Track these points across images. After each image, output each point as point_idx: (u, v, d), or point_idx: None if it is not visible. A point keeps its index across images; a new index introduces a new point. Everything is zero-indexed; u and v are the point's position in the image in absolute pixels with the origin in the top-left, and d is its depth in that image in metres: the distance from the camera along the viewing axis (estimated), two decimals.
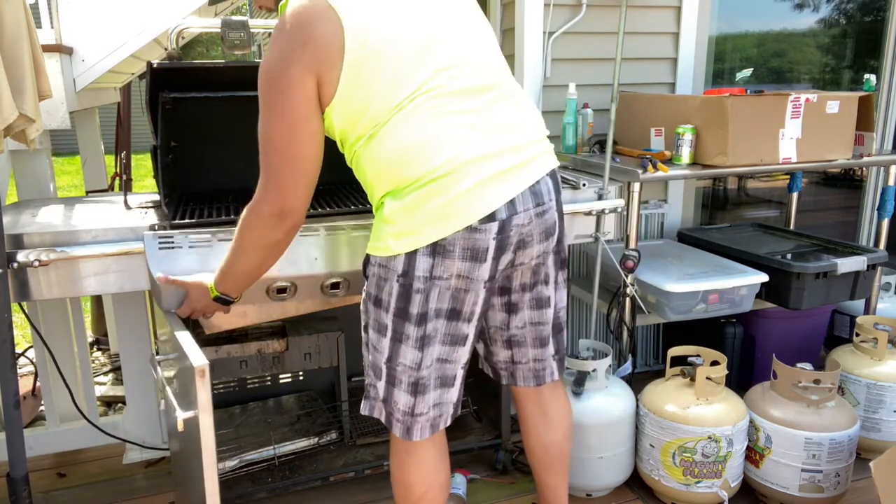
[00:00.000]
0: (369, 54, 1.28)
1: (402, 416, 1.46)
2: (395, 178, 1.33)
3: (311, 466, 2.16)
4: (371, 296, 1.43)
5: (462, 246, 1.33)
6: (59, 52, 2.07)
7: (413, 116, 1.30)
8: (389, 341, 1.41)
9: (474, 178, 1.31)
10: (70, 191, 8.17)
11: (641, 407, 2.09)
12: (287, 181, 1.33)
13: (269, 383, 2.49)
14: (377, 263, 1.39)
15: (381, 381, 1.46)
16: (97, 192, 2.84)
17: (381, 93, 1.30)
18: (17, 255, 1.55)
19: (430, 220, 1.31)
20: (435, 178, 1.30)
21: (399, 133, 1.30)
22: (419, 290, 1.35)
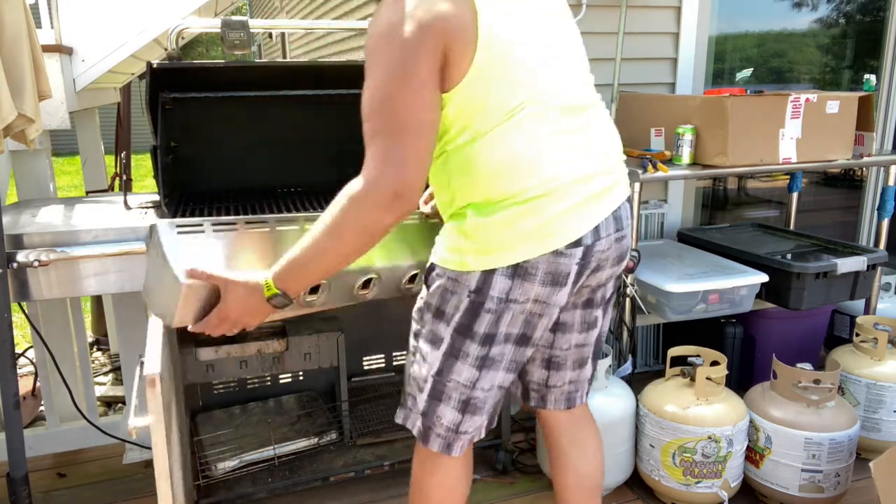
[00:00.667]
0: (498, 49, 1.20)
1: (446, 431, 1.39)
2: (490, 189, 1.24)
3: (311, 466, 2.16)
4: (430, 306, 1.34)
5: (545, 270, 1.25)
6: (59, 52, 2.07)
7: (523, 126, 1.22)
8: (443, 355, 1.34)
9: (569, 200, 1.25)
10: (70, 191, 8.17)
11: (641, 407, 2.09)
12: (410, 153, 1.15)
13: (269, 383, 2.49)
14: (446, 276, 1.30)
15: (423, 395, 1.38)
16: (97, 192, 2.84)
17: (499, 93, 1.21)
18: (17, 255, 1.55)
19: (518, 240, 1.23)
20: (532, 197, 1.22)
21: (506, 142, 1.22)
22: (490, 310, 1.28)
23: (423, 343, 1.37)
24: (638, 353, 2.96)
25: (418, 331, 1.39)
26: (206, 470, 2.08)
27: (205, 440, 2.19)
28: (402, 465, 2.17)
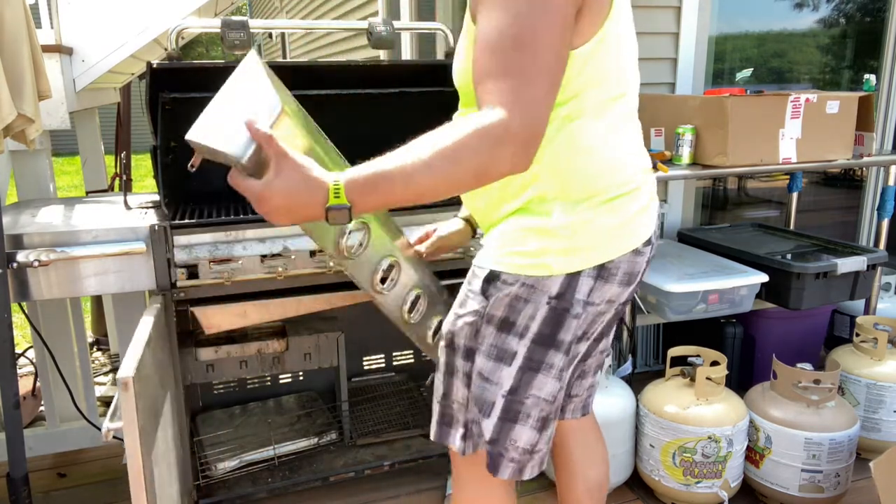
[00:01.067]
0: (619, 28, 1.11)
1: (521, 455, 1.25)
2: (591, 181, 1.13)
3: (311, 466, 2.16)
4: (493, 318, 1.18)
5: (624, 269, 1.18)
6: (59, 53, 2.07)
7: (617, 117, 1.15)
8: (518, 371, 1.19)
9: (645, 197, 1.21)
10: (70, 191, 8.18)
11: (641, 407, 2.09)
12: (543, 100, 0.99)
13: (269, 383, 2.49)
14: (517, 282, 1.14)
15: (492, 419, 1.22)
16: (97, 193, 2.84)
17: (612, 72, 1.12)
18: (17, 255, 1.55)
19: (606, 238, 1.15)
20: (625, 192, 1.16)
21: (605, 130, 1.13)
22: (578, 315, 1.17)
23: (486, 361, 1.20)
24: (638, 353, 2.96)
25: (473, 347, 1.21)
26: (206, 470, 2.08)
27: (205, 440, 2.19)
28: (402, 465, 2.17)
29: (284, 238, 1.80)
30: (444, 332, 1.26)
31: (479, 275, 1.19)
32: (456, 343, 1.24)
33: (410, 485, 2.18)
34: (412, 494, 2.15)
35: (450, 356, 1.26)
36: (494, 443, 1.23)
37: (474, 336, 1.20)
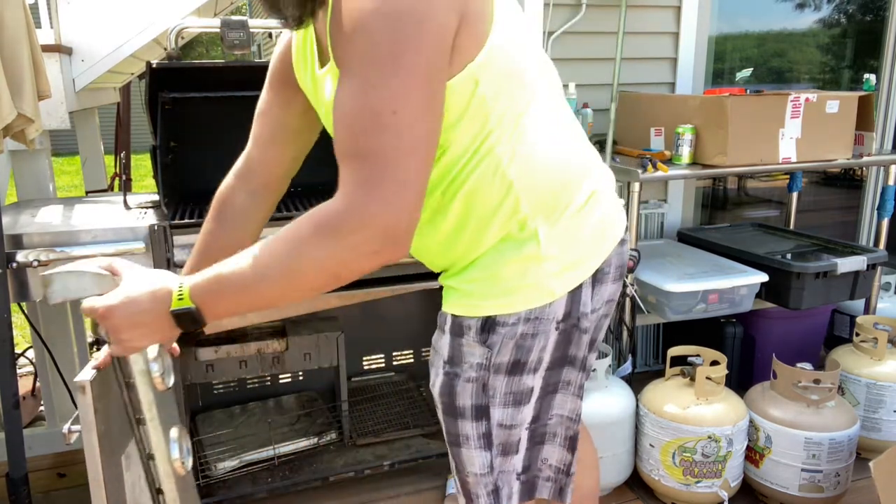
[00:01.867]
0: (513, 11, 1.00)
1: (556, 473, 1.19)
2: (561, 186, 1.03)
3: (311, 466, 2.16)
4: (501, 366, 1.06)
5: (615, 264, 1.11)
6: (59, 52, 2.07)
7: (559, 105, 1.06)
8: (537, 401, 1.11)
9: (607, 184, 1.13)
10: (70, 191, 8.17)
11: (641, 407, 2.09)
12: (413, 184, 0.85)
13: (269, 383, 2.49)
14: (520, 319, 1.03)
15: (521, 453, 1.14)
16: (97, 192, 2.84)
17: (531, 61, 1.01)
18: (17, 256, 1.55)
19: (595, 240, 1.07)
20: (595, 187, 1.09)
21: (560, 128, 1.04)
22: (586, 329, 1.08)
23: (502, 412, 1.09)
24: (638, 353, 2.96)
25: (482, 405, 1.08)
26: (206, 470, 2.08)
27: (205, 440, 2.19)
28: (403, 464, 2.18)
29: None
30: (438, 399, 1.12)
31: (471, 326, 1.05)
32: (459, 406, 1.09)
33: (410, 485, 2.18)
34: (412, 494, 2.15)
35: (452, 424, 1.11)
36: (527, 470, 1.15)
37: (482, 392, 1.08)
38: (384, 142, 0.84)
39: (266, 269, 0.88)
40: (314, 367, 2.27)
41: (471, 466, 1.12)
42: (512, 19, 0.98)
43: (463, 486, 1.16)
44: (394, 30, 0.84)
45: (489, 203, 1.00)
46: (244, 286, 0.89)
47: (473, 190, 1.00)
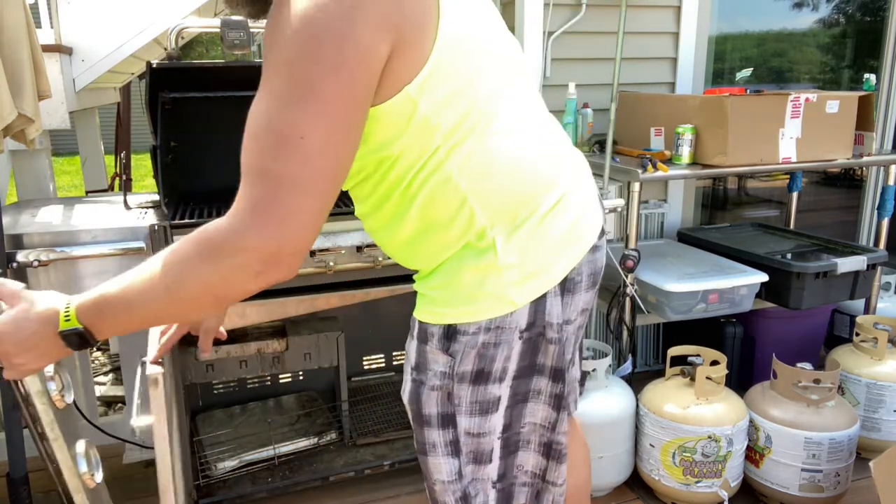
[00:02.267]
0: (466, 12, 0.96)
1: (532, 479, 1.19)
2: (519, 196, 1.00)
3: (311, 466, 2.16)
4: (465, 375, 1.05)
5: (587, 272, 1.08)
6: (59, 52, 2.07)
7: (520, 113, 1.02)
8: (507, 410, 1.10)
9: (581, 187, 1.09)
10: (70, 191, 8.17)
11: (641, 407, 2.09)
12: (305, 207, 0.84)
13: (269, 383, 2.49)
14: (481, 329, 1.02)
15: (494, 462, 1.13)
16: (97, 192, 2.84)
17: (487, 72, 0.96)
18: (17, 256, 1.55)
19: (561, 248, 1.04)
20: (563, 193, 1.04)
21: (521, 135, 1.00)
22: (554, 339, 1.06)
23: (468, 420, 1.08)
24: (638, 353, 2.96)
25: (447, 413, 1.08)
26: (206, 470, 2.08)
27: (205, 440, 2.19)
28: (403, 464, 2.18)
29: None
30: (407, 406, 1.12)
31: (434, 333, 1.05)
32: (425, 414, 1.08)
33: (410, 484, 2.18)
34: (412, 494, 2.15)
35: (419, 432, 1.11)
36: (503, 478, 1.14)
37: (447, 400, 1.07)
38: (285, 166, 0.82)
39: (150, 288, 0.87)
40: (314, 367, 2.27)
41: (437, 474, 1.12)
42: (464, 27, 0.95)
43: (430, 493, 1.16)
44: (315, 53, 0.81)
45: (444, 214, 0.99)
46: (128, 305, 0.89)
47: (427, 201, 0.99)
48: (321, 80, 0.82)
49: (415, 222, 1.02)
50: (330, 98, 0.83)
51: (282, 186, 0.83)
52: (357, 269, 1.89)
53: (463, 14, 0.95)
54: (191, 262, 0.86)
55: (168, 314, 0.92)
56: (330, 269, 1.85)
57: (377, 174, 1.00)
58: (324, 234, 1.83)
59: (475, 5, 1.01)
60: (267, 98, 0.84)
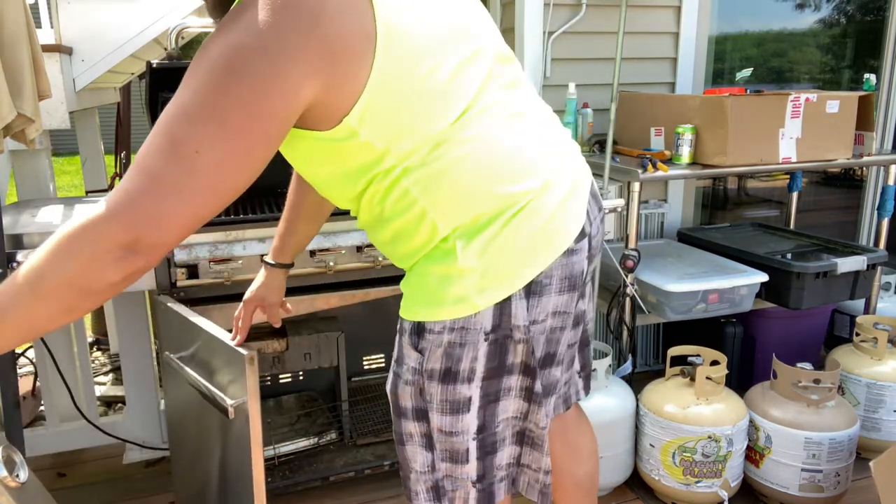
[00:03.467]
0: (411, 37, 0.95)
1: (508, 469, 1.21)
2: (478, 204, 1.01)
3: (311, 466, 2.16)
4: (434, 372, 1.08)
5: (560, 276, 1.07)
6: (59, 52, 2.07)
7: (487, 119, 1.01)
8: (479, 410, 1.12)
9: (562, 187, 1.07)
10: (70, 191, 8.17)
11: (641, 407, 2.09)
12: (177, 213, 0.86)
13: (269, 383, 2.49)
14: (445, 328, 1.04)
15: (471, 463, 1.15)
16: (97, 192, 2.84)
17: (441, 89, 0.96)
18: (17, 255, 1.55)
19: (527, 252, 1.04)
20: (532, 196, 1.03)
21: (481, 142, 1.00)
22: (522, 339, 1.08)
23: (440, 417, 1.11)
24: (638, 353, 2.96)
25: (420, 408, 1.11)
26: None
27: None
28: None
29: None
30: (389, 397, 1.16)
31: (406, 328, 1.09)
32: (402, 406, 1.13)
33: None
34: None
35: (398, 423, 1.15)
36: (482, 479, 1.16)
37: (419, 395, 1.11)
38: (171, 172, 0.84)
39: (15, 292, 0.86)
40: (314, 367, 2.27)
41: (413, 462, 1.16)
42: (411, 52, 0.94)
43: (404, 482, 1.19)
44: (234, 85, 0.84)
45: (408, 225, 1.04)
46: (6, 312, 0.86)
47: (391, 214, 1.04)
48: (230, 111, 0.85)
49: (388, 229, 1.07)
50: (235, 127, 0.85)
51: (161, 189, 0.84)
52: (357, 269, 1.89)
53: (411, 40, 0.95)
54: (50, 256, 0.85)
55: (38, 318, 0.88)
56: (330, 269, 1.85)
57: (346, 191, 1.06)
58: (324, 234, 1.83)
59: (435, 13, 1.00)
60: (176, 105, 0.86)
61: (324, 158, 1.01)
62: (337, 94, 0.91)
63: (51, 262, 0.85)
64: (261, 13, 0.85)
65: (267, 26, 0.85)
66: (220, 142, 0.85)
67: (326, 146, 0.97)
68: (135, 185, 0.84)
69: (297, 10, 0.86)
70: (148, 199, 0.84)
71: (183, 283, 1.74)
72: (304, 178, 1.15)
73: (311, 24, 0.86)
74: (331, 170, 1.03)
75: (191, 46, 3.30)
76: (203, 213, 0.88)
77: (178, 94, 0.87)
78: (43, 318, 0.88)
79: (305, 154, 1.03)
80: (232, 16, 0.89)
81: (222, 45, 0.85)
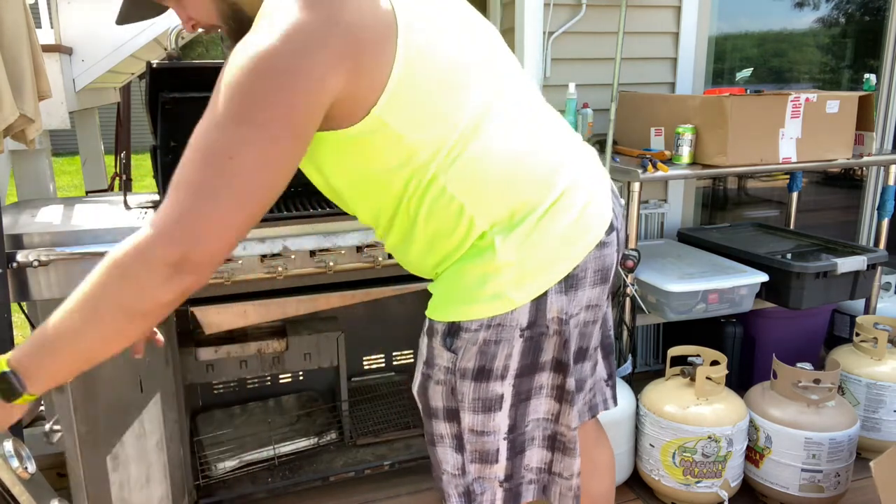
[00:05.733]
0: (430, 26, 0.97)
1: (538, 475, 1.20)
2: (513, 196, 1.01)
3: (311, 466, 2.16)
4: (466, 371, 1.07)
5: (594, 269, 1.08)
6: (59, 52, 2.07)
7: (512, 113, 1.03)
8: (511, 409, 1.11)
9: (586, 184, 1.08)
10: (70, 191, 8.17)
11: (641, 407, 2.09)
12: (217, 220, 0.87)
13: (269, 383, 2.49)
14: (482, 326, 1.04)
15: (501, 462, 1.14)
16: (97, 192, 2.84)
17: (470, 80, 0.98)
18: (17, 255, 1.55)
19: (561, 245, 1.04)
20: (564, 188, 1.05)
21: (512, 135, 1.02)
22: (556, 332, 1.07)
23: (472, 416, 1.09)
24: (638, 353, 2.96)
25: (452, 408, 1.10)
26: (206, 470, 2.08)
27: (205, 440, 2.19)
28: (403, 464, 2.18)
29: (284, 238, 1.80)
30: (417, 398, 1.16)
31: (439, 329, 1.08)
32: (433, 407, 1.12)
33: (410, 484, 2.18)
34: (412, 494, 2.15)
35: (428, 423, 1.15)
36: (510, 478, 1.15)
37: (451, 395, 1.09)
38: (209, 180, 0.86)
39: (69, 322, 0.87)
40: (314, 367, 2.27)
41: (445, 464, 1.15)
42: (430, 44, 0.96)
43: (437, 483, 1.19)
44: (259, 84, 0.85)
45: (445, 224, 1.03)
46: (53, 345, 0.87)
47: (428, 215, 1.03)
48: (257, 111, 0.86)
49: (422, 235, 1.06)
50: (264, 126, 0.86)
51: (200, 201, 0.86)
52: (357, 269, 1.89)
53: (428, 29, 0.97)
54: (100, 281, 0.86)
55: (93, 348, 0.88)
56: (330, 269, 1.85)
57: (379, 198, 1.04)
58: (324, 235, 1.83)
59: (443, 13, 1.02)
60: (206, 119, 0.88)
61: (355, 160, 0.99)
62: (363, 84, 0.91)
63: (101, 287, 0.86)
64: (284, 15, 0.87)
65: (288, 25, 0.86)
66: (251, 143, 0.86)
67: (356, 144, 0.96)
68: (174, 202, 0.85)
69: (319, 8, 0.87)
70: (189, 214, 0.85)
71: None
72: (334, 194, 1.11)
73: (333, 19, 0.88)
74: (363, 173, 1.01)
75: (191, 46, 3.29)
76: (245, 221, 0.89)
77: (206, 110, 0.88)
78: (97, 345, 0.88)
79: (335, 160, 1.01)
80: (253, 27, 0.91)
81: (245, 52, 0.86)
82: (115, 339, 0.88)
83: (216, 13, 1.04)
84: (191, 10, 1.05)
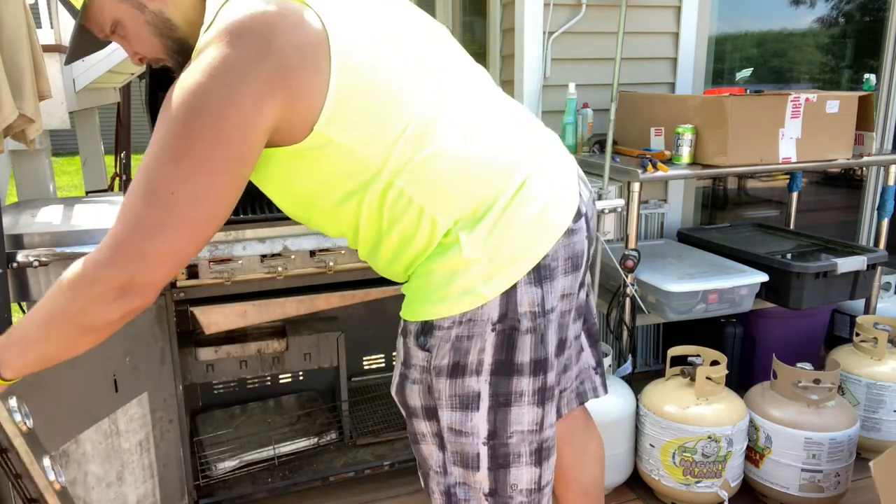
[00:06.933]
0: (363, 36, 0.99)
1: (528, 497, 1.16)
2: (471, 191, 1.02)
3: (311, 466, 2.17)
4: (441, 368, 1.07)
5: (564, 256, 1.08)
6: (59, 52, 2.07)
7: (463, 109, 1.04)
8: (489, 411, 1.09)
9: (552, 169, 1.09)
10: (70, 191, 8.17)
11: (641, 407, 2.09)
12: (162, 249, 0.94)
13: (269, 383, 2.49)
14: (454, 323, 1.04)
15: (482, 470, 1.12)
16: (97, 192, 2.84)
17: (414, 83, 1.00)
18: (17, 256, 1.55)
19: (531, 235, 1.04)
20: (526, 176, 1.05)
21: (465, 133, 1.03)
22: (529, 329, 1.06)
23: (450, 414, 1.10)
24: (638, 353, 2.96)
25: (431, 405, 1.11)
26: (206, 470, 2.08)
27: (205, 440, 2.19)
28: (403, 464, 2.18)
29: (284, 238, 1.80)
30: (396, 398, 1.17)
31: (412, 329, 1.09)
32: (411, 406, 1.14)
33: (410, 485, 2.18)
34: (412, 494, 2.15)
35: (409, 423, 1.16)
36: (494, 493, 1.14)
37: (428, 393, 1.11)
38: (153, 213, 0.92)
39: (33, 325, 0.98)
40: (314, 367, 2.27)
41: (430, 460, 1.17)
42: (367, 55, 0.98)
43: (424, 479, 1.20)
44: (195, 120, 0.90)
45: (409, 226, 1.04)
46: (23, 341, 0.99)
47: (391, 221, 1.04)
48: (194, 145, 0.91)
49: (389, 242, 1.07)
50: (202, 160, 0.91)
51: (145, 230, 0.93)
52: (357, 269, 1.89)
53: (363, 42, 0.98)
54: (56, 295, 0.96)
55: (53, 352, 1.00)
56: (330, 269, 1.85)
57: (344, 208, 1.06)
58: (323, 234, 1.83)
59: (381, 21, 1.04)
60: (149, 152, 0.94)
61: (306, 173, 1.02)
62: (300, 107, 0.94)
63: (55, 303, 0.96)
64: (214, 52, 0.91)
65: (219, 61, 0.90)
66: (190, 178, 0.92)
67: (305, 159, 0.99)
68: (121, 231, 0.94)
69: (247, 40, 0.91)
70: (134, 241, 0.93)
71: (183, 284, 1.75)
72: (295, 212, 1.13)
73: (262, 49, 0.91)
74: (318, 185, 1.03)
75: None
76: (187, 248, 0.96)
77: (151, 140, 0.94)
78: (52, 351, 0.99)
79: (286, 175, 1.03)
80: (190, 62, 0.94)
81: (181, 89, 0.91)
82: (71, 347, 0.99)
83: (161, 47, 1.08)
84: (136, 46, 1.09)
